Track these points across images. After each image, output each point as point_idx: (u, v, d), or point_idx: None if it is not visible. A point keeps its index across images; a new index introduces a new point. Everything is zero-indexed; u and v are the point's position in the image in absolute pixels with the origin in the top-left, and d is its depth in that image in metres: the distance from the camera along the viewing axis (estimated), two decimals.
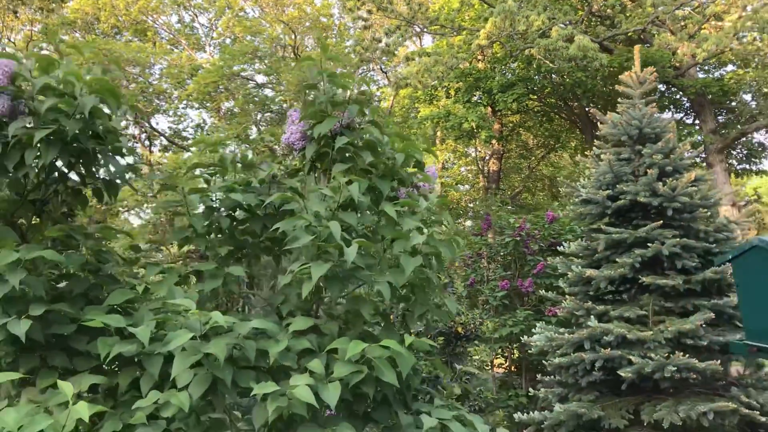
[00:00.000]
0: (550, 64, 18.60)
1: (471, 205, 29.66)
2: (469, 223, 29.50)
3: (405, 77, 18.65)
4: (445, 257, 3.08)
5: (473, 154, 27.73)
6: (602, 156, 7.53)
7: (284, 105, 24.72)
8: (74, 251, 3.29)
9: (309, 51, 24.95)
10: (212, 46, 28.49)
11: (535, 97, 22.34)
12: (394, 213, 3.10)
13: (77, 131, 2.89)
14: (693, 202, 6.79)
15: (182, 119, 33.08)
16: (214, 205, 3.36)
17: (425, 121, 21.66)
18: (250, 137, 23.81)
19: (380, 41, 19.87)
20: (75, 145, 2.99)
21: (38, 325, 2.89)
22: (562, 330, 7.12)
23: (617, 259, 6.82)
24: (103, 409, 2.61)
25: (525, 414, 6.92)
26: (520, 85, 21.03)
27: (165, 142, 27.64)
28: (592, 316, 6.66)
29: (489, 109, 21.94)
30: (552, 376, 7.22)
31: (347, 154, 3.55)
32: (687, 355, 6.12)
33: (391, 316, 3.68)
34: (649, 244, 6.62)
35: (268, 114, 26.07)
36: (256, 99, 25.29)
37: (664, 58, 19.57)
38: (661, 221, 6.72)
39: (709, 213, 6.98)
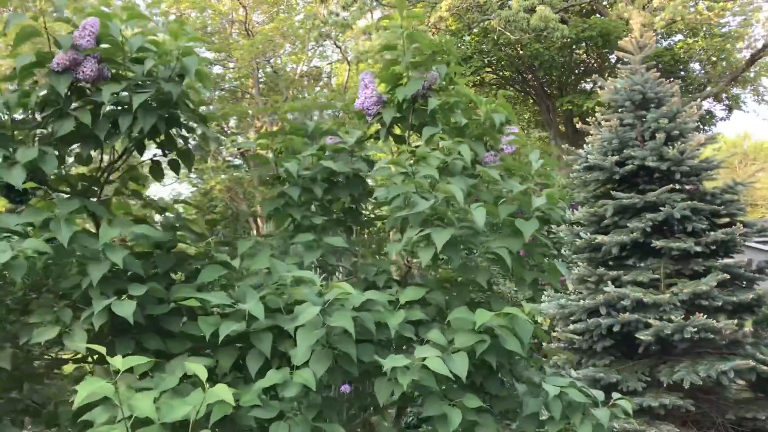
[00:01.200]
0: (510, 36, 18.63)
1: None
2: None
3: (366, 51, 18.43)
4: (554, 219, 2.98)
5: None
6: (603, 123, 7.54)
7: (235, 82, 24.20)
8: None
9: (259, 27, 24.36)
10: (157, 24, 27.58)
11: (491, 69, 22.40)
12: (496, 175, 2.98)
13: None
14: (700, 164, 6.86)
15: None
16: (307, 174, 3.18)
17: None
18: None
19: (338, 15, 19.57)
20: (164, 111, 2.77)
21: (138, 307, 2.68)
22: (573, 296, 7.15)
23: (628, 224, 6.85)
24: (238, 391, 2.44)
25: None
26: (476, 57, 21.01)
27: None
28: (608, 282, 6.69)
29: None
30: (562, 343, 7.25)
31: (426, 118, 3.42)
32: (705, 316, 6.20)
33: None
34: (660, 208, 6.66)
35: (219, 92, 25.48)
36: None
37: (618, 28, 19.82)
38: (671, 185, 6.77)
39: (715, 175, 7.08)
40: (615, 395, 3.02)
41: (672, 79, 7.69)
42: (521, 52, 20.64)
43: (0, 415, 3.06)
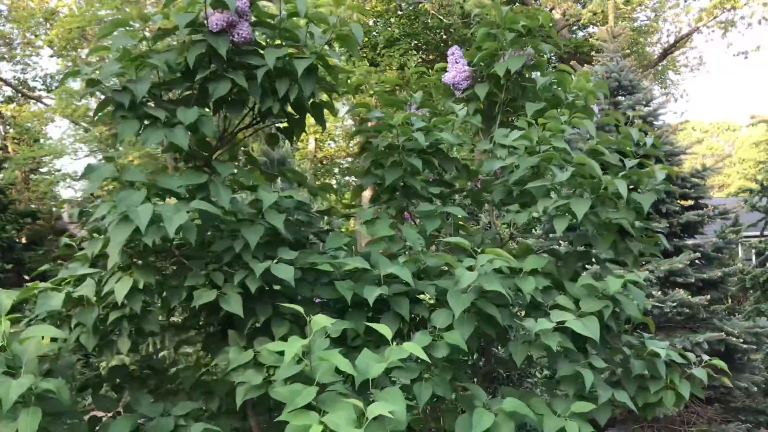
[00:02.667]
0: (443, 20, 18.88)
1: (343, 162, 29.75)
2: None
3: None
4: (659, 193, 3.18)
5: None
6: None
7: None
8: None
9: None
10: None
11: (418, 53, 22.58)
12: (607, 152, 3.17)
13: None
14: (674, 149, 7.31)
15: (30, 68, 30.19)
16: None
17: None
18: None
19: None
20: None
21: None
22: None
23: None
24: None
25: None
26: (404, 40, 21.13)
27: (9, 93, 25.38)
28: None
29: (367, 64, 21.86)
30: None
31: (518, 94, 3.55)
32: (681, 291, 6.66)
33: None
34: None
35: None
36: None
37: (544, 18, 20.35)
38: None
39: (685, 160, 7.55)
40: (705, 357, 3.28)
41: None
42: (446, 36, 20.91)
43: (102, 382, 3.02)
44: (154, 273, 2.63)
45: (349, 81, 3.24)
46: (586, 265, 3.91)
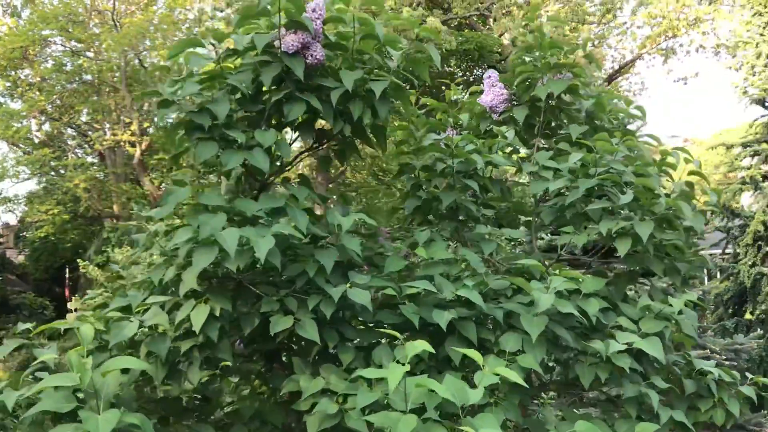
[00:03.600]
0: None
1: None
2: None
3: None
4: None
5: None
6: None
7: (99, 74, 22.85)
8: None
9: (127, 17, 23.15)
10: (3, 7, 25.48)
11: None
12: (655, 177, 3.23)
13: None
14: None
15: None
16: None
17: None
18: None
19: (222, 11, 19.19)
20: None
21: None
22: None
23: None
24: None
25: None
26: None
27: None
28: None
29: None
30: None
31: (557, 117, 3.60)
32: None
33: None
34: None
35: (75, 84, 23.97)
36: (68, 67, 23.19)
37: (491, 43, 20.83)
38: None
39: None
40: (749, 375, 3.36)
41: None
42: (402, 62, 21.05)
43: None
44: (229, 300, 2.54)
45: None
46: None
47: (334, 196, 2.97)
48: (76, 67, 23.22)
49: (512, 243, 8.28)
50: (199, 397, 3.08)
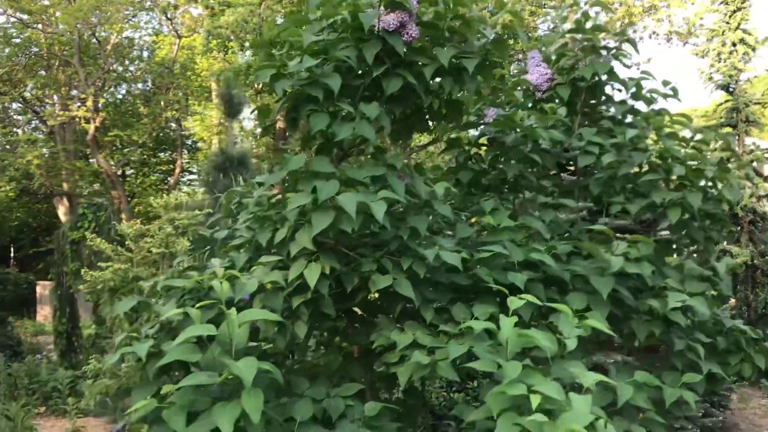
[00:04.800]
0: None
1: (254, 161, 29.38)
2: None
3: (219, 26, 18.08)
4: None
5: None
6: None
7: (55, 47, 22.32)
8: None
9: None
10: None
11: None
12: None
13: None
14: None
15: None
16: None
17: (224, 73, 21.11)
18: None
19: None
20: None
21: None
22: None
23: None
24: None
25: None
26: None
27: None
28: None
29: None
30: None
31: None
32: None
33: None
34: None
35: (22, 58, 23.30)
36: (17, 40, 22.56)
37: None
38: None
39: None
40: None
41: None
42: None
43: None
44: (336, 260, 2.74)
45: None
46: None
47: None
48: (24, 40, 22.58)
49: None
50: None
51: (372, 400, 3.18)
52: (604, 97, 3.94)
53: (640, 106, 3.89)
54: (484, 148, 3.81)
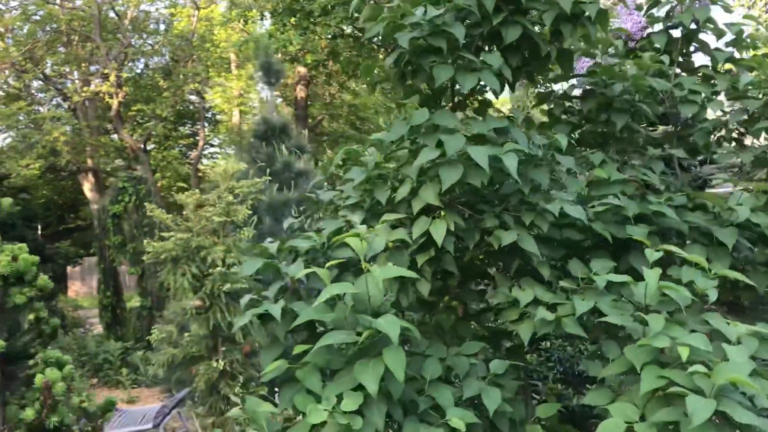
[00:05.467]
0: None
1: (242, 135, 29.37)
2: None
3: None
4: None
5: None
6: None
7: (75, 23, 22.22)
8: None
9: None
10: None
11: (353, 21, 22.41)
12: None
13: None
14: None
15: None
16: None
17: (246, 43, 20.98)
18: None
19: None
20: None
21: None
22: None
23: None
24: None
25: None
26: (339, 8, 20.94)
27: None
28: None
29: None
30: None
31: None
32: None
33: None
34: None
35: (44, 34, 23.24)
36: (37, 17, 22.50)
37: None
38: None
39: None
40: None
41: None
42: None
43: None
44: (459, 216, 2.67)
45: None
46: None
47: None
48: (45, 16, 22.50)
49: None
50: None
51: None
52: (698, 45, 3.81)
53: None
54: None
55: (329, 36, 22.82)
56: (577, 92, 3.67)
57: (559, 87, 4.00)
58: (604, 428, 2.37)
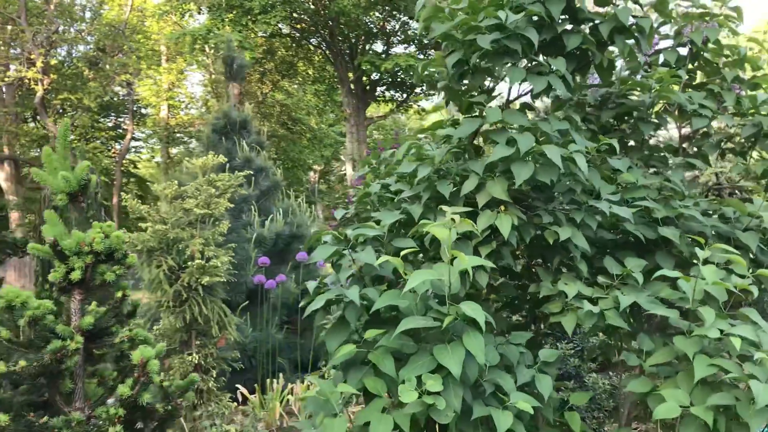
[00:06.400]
0: None
1: (203, 129, 28.83)
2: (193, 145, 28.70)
3: None
4: None
5: (208, 76, 26.88)
6: None
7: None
8: None
9: None
10: None
11: (291, 21, 22.41)
12: None
13: None
14: None
15: None
16: None
17: (183, 37, 20.66)
18: None
19: None
20: None
21: None
22: None
23: None
24: None
25: None
26: (280, 7, 20.90)
27: None
28: None
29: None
30: None
31: None
32: None
33: None
34: None
35: None
36: None
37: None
38: None
39: None
40: None
41: None
42: (331, 6, 20.83)
43: None
44: (520, 211, 2.82)
45: None
46: None
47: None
48: None
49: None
50: None
51: None
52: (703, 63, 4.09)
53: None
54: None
55: (267, 34, 22.69)
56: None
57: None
58: (660, 411, 2.56)
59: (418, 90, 25.18)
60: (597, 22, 2.95)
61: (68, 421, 2.55)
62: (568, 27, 2.93)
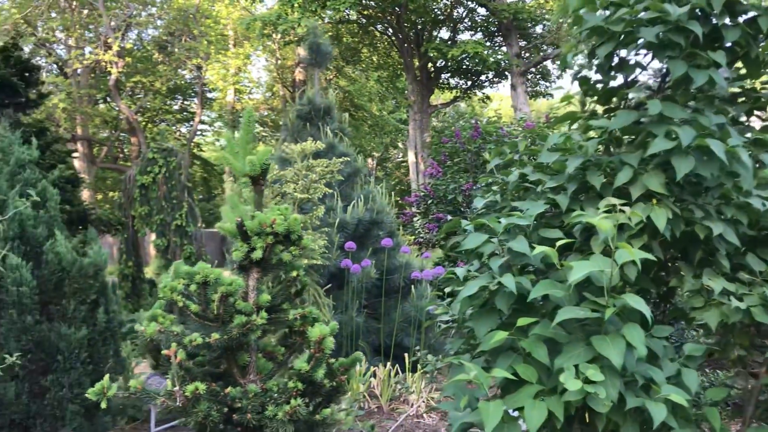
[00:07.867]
0: None
1: (267, 113, 29.16)
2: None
3: None
4: None
5: (274, 62, 27.13)
6: None
7: None
8: None
9: None
10: None
11: (360, 6, 22.43)
12: None
13: None
14: None
15: None
16: None
17: (254, 22, 20.86)
18: None
19: None
20: None
21: None
22: None
23: None
24: None
25: None
26: None
27: None
28: None
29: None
30: None
31: None
32: None
33: None
34: None
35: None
36: None
37: None
38: None
39: None
40: None
41: None
42: None
43: None
44: (673, 205, 2.81)
45: None
46: None
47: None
48: None
49: None
50: None
51: None
52: None
53: None
54: None
55: (334, 21, 22.78)
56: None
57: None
58: None
59: (482, 78, 25.03)
60: (756, 14, 2.91)
61: (245, 392, 2.67)
62: (727, 21, 2.90)
